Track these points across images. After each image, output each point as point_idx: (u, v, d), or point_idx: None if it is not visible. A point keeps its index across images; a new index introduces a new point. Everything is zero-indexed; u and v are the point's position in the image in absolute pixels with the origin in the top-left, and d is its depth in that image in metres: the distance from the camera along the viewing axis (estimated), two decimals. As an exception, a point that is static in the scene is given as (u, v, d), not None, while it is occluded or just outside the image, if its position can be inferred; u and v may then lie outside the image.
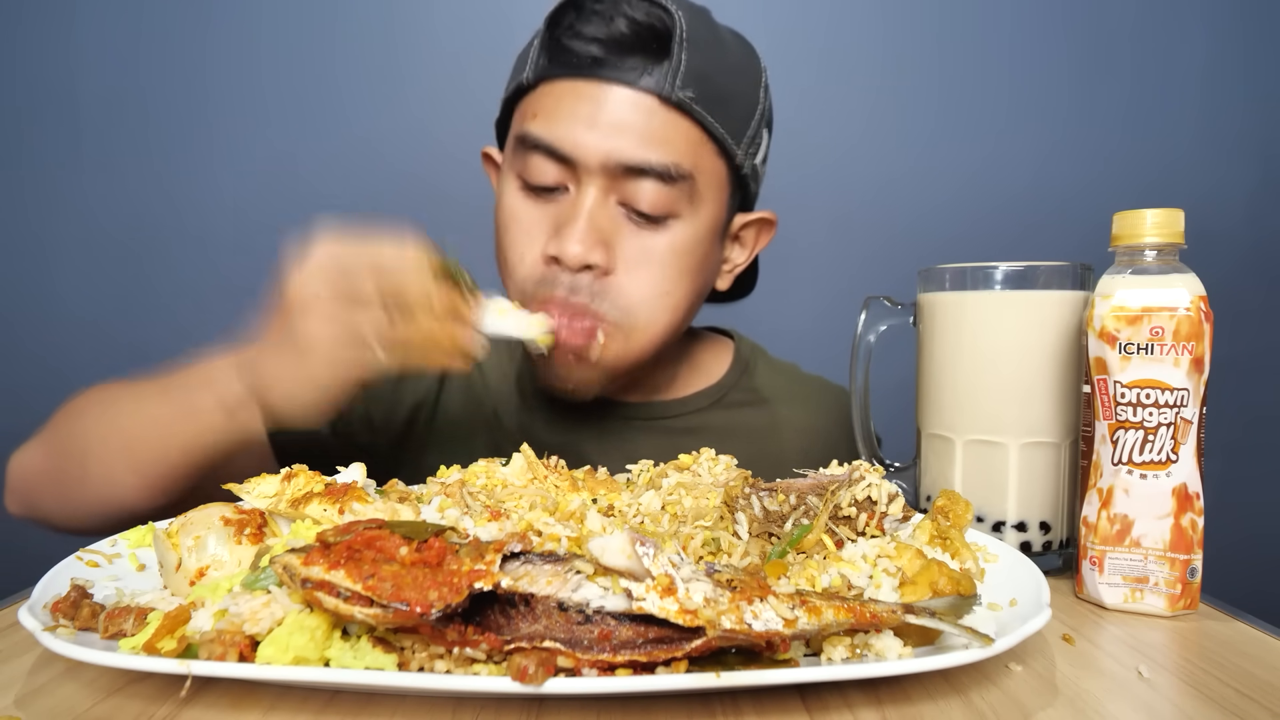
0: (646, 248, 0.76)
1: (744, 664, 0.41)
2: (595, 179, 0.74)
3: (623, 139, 0.73)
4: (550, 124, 0.74)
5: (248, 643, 0.40)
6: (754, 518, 0.57)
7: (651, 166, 0.73)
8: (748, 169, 0.81)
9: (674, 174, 0.74)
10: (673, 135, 0.74)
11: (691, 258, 0.79)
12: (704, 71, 0.74)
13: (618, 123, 0.73)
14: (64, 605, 0.47)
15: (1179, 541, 0.56)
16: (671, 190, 0.75)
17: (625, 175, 0.74)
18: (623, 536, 0.41)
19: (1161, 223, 0.57)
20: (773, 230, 0.90)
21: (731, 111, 0.78)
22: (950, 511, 0.58)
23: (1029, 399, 0.67)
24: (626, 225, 0.76)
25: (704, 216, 0.78)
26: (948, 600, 0.46)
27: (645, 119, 0.73)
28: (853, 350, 0.78)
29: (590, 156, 0.73)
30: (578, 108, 0.73)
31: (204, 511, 0.52)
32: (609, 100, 0.73)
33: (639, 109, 0.73)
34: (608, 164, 0.73)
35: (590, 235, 0.74)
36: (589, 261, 0.74)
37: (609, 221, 0.75)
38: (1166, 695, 0.44)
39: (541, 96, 0.76)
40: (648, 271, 0.77)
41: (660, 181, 0.74)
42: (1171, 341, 0.55)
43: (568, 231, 0.74)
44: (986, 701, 0.42)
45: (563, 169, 0.75)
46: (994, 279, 0.68)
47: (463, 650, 0.40)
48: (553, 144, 0.74)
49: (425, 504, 0.56)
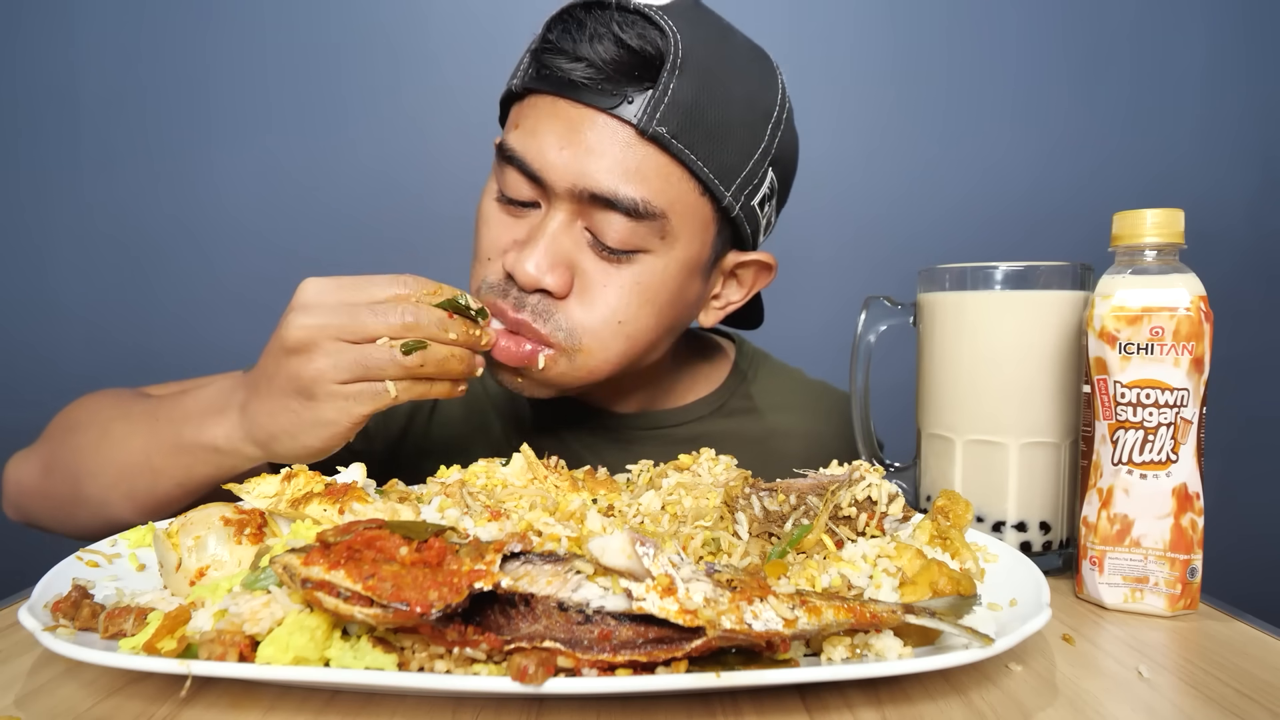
0: (607, 274, 0.73)
1: (744, 664, 0.41)
2: (563, 202, 0.71)
3: (593, 165, 0.69)
4: (527, 139, 0.72)
5: (248, 643, 0.40)
6: (754, 518, 0.57)
7: (619, 200, 0.69)
8: (738, 211, 0.76)
9: (642, 211, 0.70)
10: (647, 170, 0.69)
11: (658, 292, 0.74)
12: (693, 104, 0.69)
13: (591, 147, 0.69)
14: (65, 605, 0.47)
15: (1179, 541, 0.56)
16: (640, 226, 0.70)
17: (592, 203, 0.70)
18: (623, 536, 0.41)
19: (1161, 223, 0.57)
20: (771, 274, 0.85)
21: (723, 149, 0.72)
22: (950, 511, 0.58)
23: (1029, 399, 0.67)
24: (589, 252, 0.73)
25: (678, 254, 0.74)
26: (948, 600, 0.46)
27: (620, 149, 0.69)
28: (853, 350, 0.78)
29: (559, 179, 0.70)
30: (555, 125, 0.70)
31: (204, 511, 0.52)
32: (585, 124, 0.69)
33: (614, 138, 0.69)
34: (574, 190, 0.70)
35: (547, 259, 0.71)
36: (542, 285, 0.71)
37: (572, 245, 0.72)
38: (1166, 695, 0.44)
39: (526, 108, 0.74)
40: (604, 300, 0.73)
41: (628, 217, 0.70)
42: (1171, 341, 0.55)
43: (528, 251, 0.71)
44: (986, 701, 0.42)
45: (534, 187, 0.72)
46: (994, 279, 0.68)
47: (463, 650, 0.40)
48: (525, 161, 0.71)
49: (425, 504, 0.56)
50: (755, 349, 1.01)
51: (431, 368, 0.61)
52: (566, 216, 0.72)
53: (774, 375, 0.99)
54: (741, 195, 0.75)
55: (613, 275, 0.73)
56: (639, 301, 0.74)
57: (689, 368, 0.95)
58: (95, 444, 0.73)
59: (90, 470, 0.72)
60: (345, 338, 0.59)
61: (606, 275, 0.73)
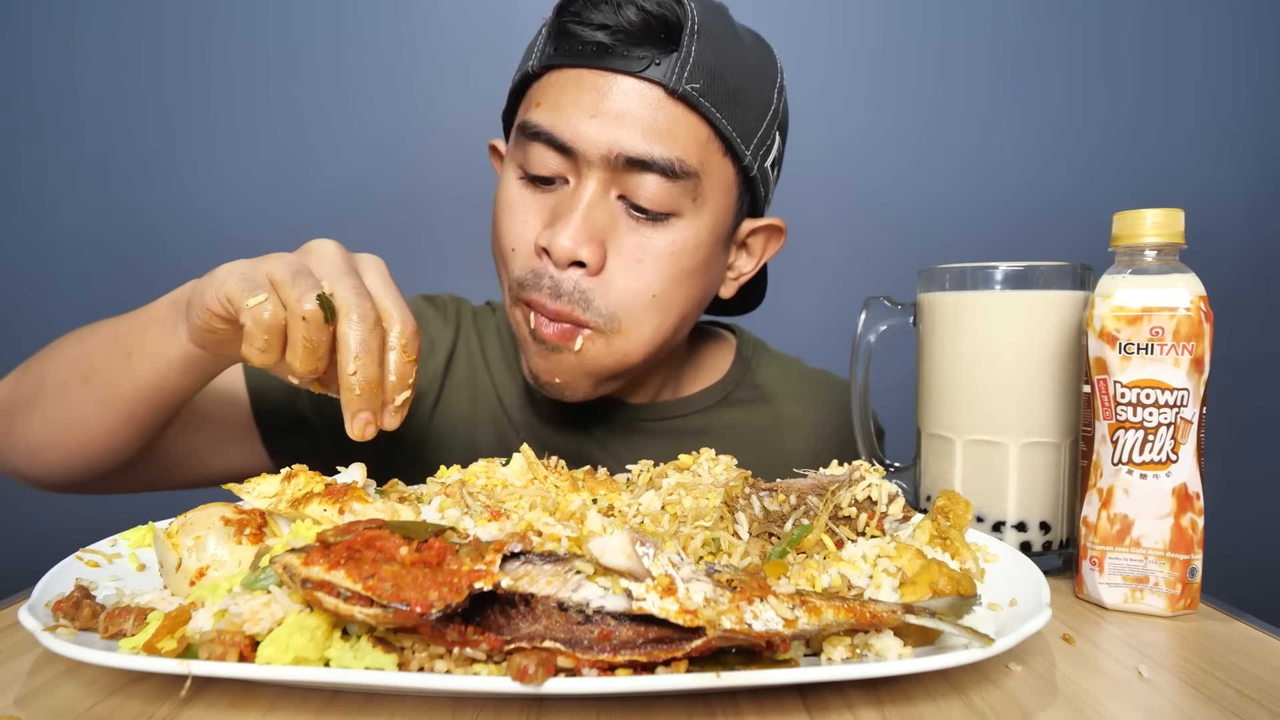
0: (644, 245, 0.73)
1: (744, 664, 0.41)
2: (596, 171, 0.71)
3: (625, 130, 0.70)
4: (552, 113, 0.72)
5: (248, 643, 0.40)
6: (754, 518, 0.57)
7: (655, 160, 0.70)
8: (757, 171, 0.78)
9: (678, 170, 0.71)
10: (678, 130, 0.71)
11: (691, 260, 0.75)
12: (714, 66, 0.71)
13: (621, 113, 0.70)
14: (66, 605, 0.47)
15: (1179, 541, 0.56)
16: (674, 187, 0.72)
17: (627, 168, 0.71)
18: (623, 536, 0.41)
19: (1161, 223, 0.57)
20: (782, 238, 0.86)
21: (743, 110, 0.74)
22: (950, 511, 0.58)
23: (1029, 399, 0.67)
24: (625, 220, 0.73)
25: (707, 218, 0.75)
26: (948, 600, 0.46)
27: (650, 111, 0.70)
28: (853, 350, 0.78)
29: (591, 147, 0.70)
30: (581, 97, 0.71)
31: (204, 511, 0.52)
32: (613, 90, 0.70)
33: (644, 100, 0.70)
34: (609, 156, 0.70)
35: (583, 230, 0.71)
36: (578, 257, 0.71)
37: (607, 216, 0.73)
38: (1166, 695, 0.44)
39: (546, 85, 0.74)
40: (640, 270, 0.74)
41: (663, 177, 0.71)
42: (1171, 341, 0.55)
43: (561, 225, 0.71)
44: (986, 701, 0.42)
45: (563, 160, 0.72)
46: (994, 279, 0.68)
47: (463, 650, 0.40)
48: (553, 133, 0.71)
49: (425, 504, 0.56)
50: (755, 338, 1.02)
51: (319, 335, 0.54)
52: (599, 186, 0.72)
53: (775, 364, 1.00)
54: (758, 156, 0.78)
55: (647, 245, 0.74)
56: (672, 272, 0.75)
57: (694, 356, 0.96)
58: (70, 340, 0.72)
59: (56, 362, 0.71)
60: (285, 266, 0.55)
61: (641, 247, 0.73)
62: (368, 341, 0.54)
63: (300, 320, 0.53)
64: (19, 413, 0.72)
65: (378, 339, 0.55)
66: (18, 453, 0.74)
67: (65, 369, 0.70)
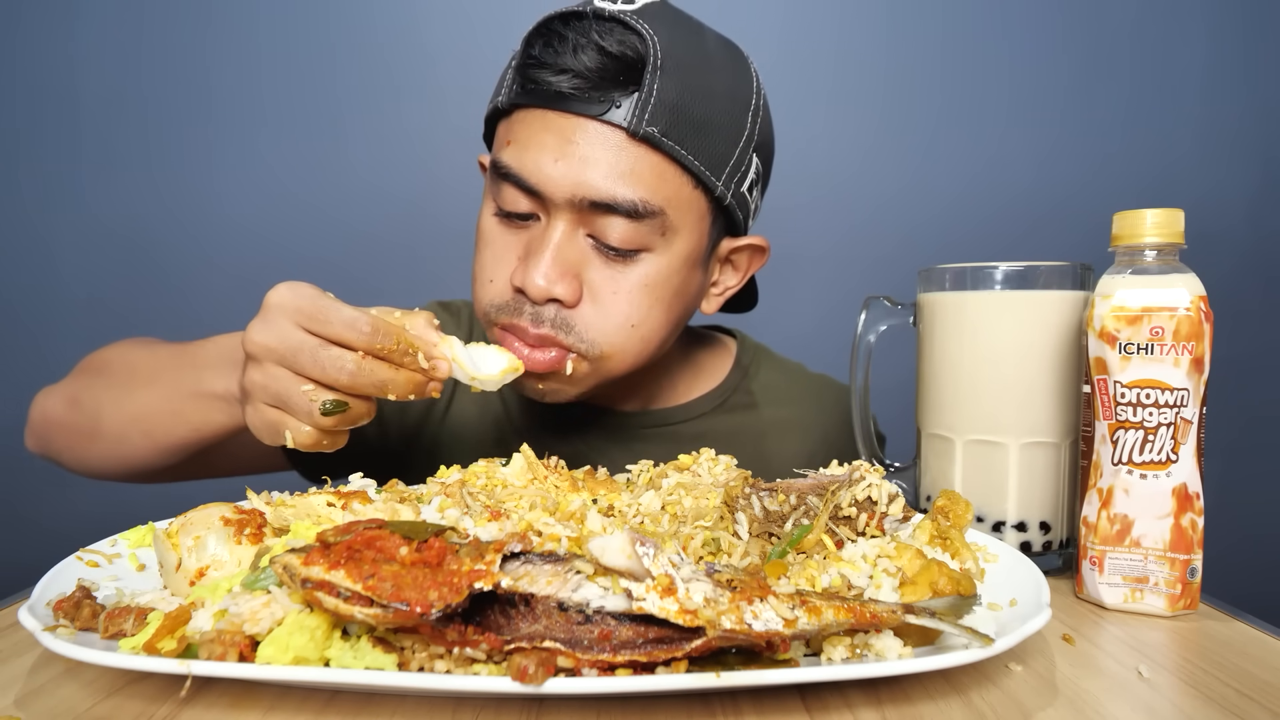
0: (616, 279, 0.74)
1: (744, 664, 0.41)
2: (563, 212, 0.72)
3: (589, 174, 0.70)
4: (520, 154, 0.73)
5: (248, 643, 0.40)
6: (754, 518, 0.57)
7: (618, 203, 0.71)
8: (731, 199, 0.78)
9: (642, 210, 0.71)
10: (642, 170, 0.71)
11: (664, 289, 0.76)
12: (678, 102, 0.71)
13: (584, 157, 0.70)
14: (67, 605, 0.47)
15: (1179, 541, 0.56)
16: (641, 226, 0.72)
17: (592, 210, 0.72)
18: (623, 536, 0.41)
19: (1161, 223, 0.57)
20: (765, 256, 0.87)
21: (710, 140, 0.74)
22: (950, 511, 0.58)
23: (1029, 399, 0.67)
24: (596, 257, 0.74)
25: (679, 248, 0.76)
26: (948, 600, 0.46)
27: (613, 154, 0.71)
28: (853, 350, 0.78)
29: (557, 191, 0.71)
30: (545, 139, 0.71)
31: (204, 511, 0.52)
32: (576, 133, 0.71)
33: (606, 144, 0.70)
34: (574, 199, 0.71)
35: (555, 268, 0.72)
36: (553, 295, 0.72)
37: (577, 254, 0.74)
38: (1166, 695, 0.44)
39: (515, 124, 0.75)
40: (616, 302, 0.74)
41: (628, 219, 0.71)
42: (1171, 341, 0.55)
43: (533, 264, 0.72)
44: (986, 701, 0.42)
45: (532, 200, 0.73)
46: (994, 279, 0.68)
47: (463, 650, 0.40)
48: (521, 176, 0.72)
49: (425, 504, 0.56)
50: (756, 344, 1.02)
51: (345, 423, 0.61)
52: (568, 226, 0.73)
53: (776, 370, 1.00)
54: (731, 183, 0.77)
55: (620, 280, 0.74)
56: (648, 302, 0.76)
57: (690, 364, 0.96)
58: (121, 383, 0.79)
59: (113, 407, 0.77)
60: (284, 365, 0.59)
61: (614, 281, 0.74)
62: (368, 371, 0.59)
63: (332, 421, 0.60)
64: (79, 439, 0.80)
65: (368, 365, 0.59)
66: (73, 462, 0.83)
67: (122, 420, 0.77)
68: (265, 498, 0.57)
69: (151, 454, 0.76)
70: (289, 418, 0.60)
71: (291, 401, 0.59)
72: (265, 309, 0.60)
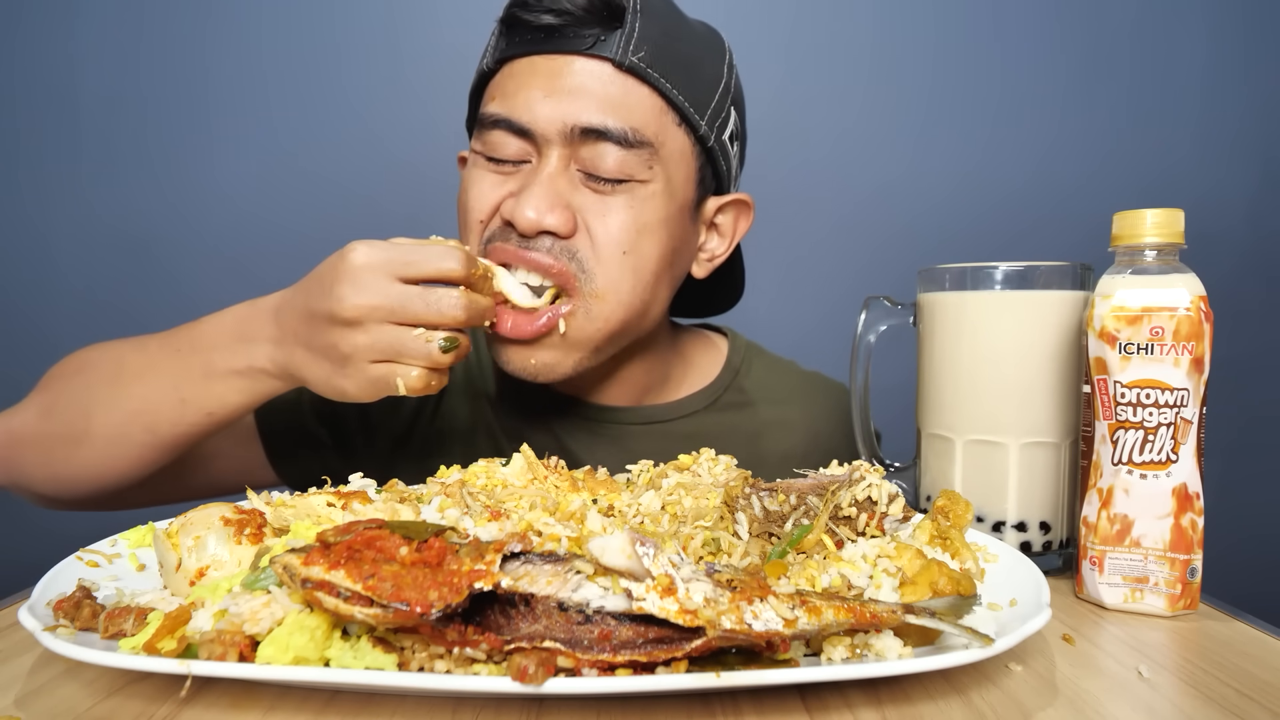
0: (605, 205, 0.75)
1: (744, 664, 0.41)
2: (554, 147, 0.74)
3: (579, 104, 0.73)
4: (508, 100, 0.75)
5: (248, 643, 0.40)
6: (754, 518, 0.57)
7: (609, 129, 0.73)
8: (714, 143, 0.80)
9: (632, 139, 0.74)
10: (630, 100, 0.74)
11: (653, 215, 0.77)
12: (660, 40, 0.75)
13: (574, 89, 0.73)
14: (67, 605, 0.47)
15: (1179, 541, 0.56)
16: (630, 155, 0.74)
17: (583, 140, 0.73)
18: (623, 536, 0.41)
19: (1161, 223, 0.57)
20: (750, 214, 0.88)
21: (693, 81, 0.77)
22: (950, 511, 0.58)
23: (1029, 399, 0.67)
24: (585, 190, 0.75)
25: (664, 183, 0.77)
26: (948, 600, 0.46)
27: (602, 86, 0.73)
28: (853, 350, 0.78)
29: (548, 125, 0.73)
30: (534, 80, 0.74)
31: (204, 511, 0.52)
32: (564, 70, 0.73)
33: (595, 76, 0.73)
34: (565, 130, 0.73)
35: (545, 199, 0.73)
36: (545, 226, 0.73)
37: (568, 185, 0.75)
38: (1166, 695, 0.44)
39: (502, 79, 0.77)
40: (606, 230, 0.75)
41: (619, 146, 0.73)
42: (1171, 341, 0.55)
43: (524, 197, 0.73)
44: (986, 701, 0.42)
45: (523, 142, 0.75)
46: (994, 279, 0.68)
47: (463, 650, 0.40)
48: (510, 117, 0.74)
49: (425, 504, 0.56)
50: (747, 342, 1.02)
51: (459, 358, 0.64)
52: (560, 161, 0.75)
53: (768, 368, 0.99)
54: (714, 127, 0.80)
55: (610, 206, 0.75)
56: (637, 229, 0.76)
57: (682, 359, 0.96)
58: (110, 379, 0.74)
59: (106, 404, 0.72)
60: (392, 320, 0.61)
61: (604, 206, 0.75)
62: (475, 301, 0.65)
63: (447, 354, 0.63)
64: (61, 448, 0.74)
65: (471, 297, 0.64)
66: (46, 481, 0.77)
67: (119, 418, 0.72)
68: (265, 498, 0.57)
69: (149, 452, 0.72)
70: (397, 367, 0.62)
71: (406, 350, 0.62)
72: (352, 271, 0.61)
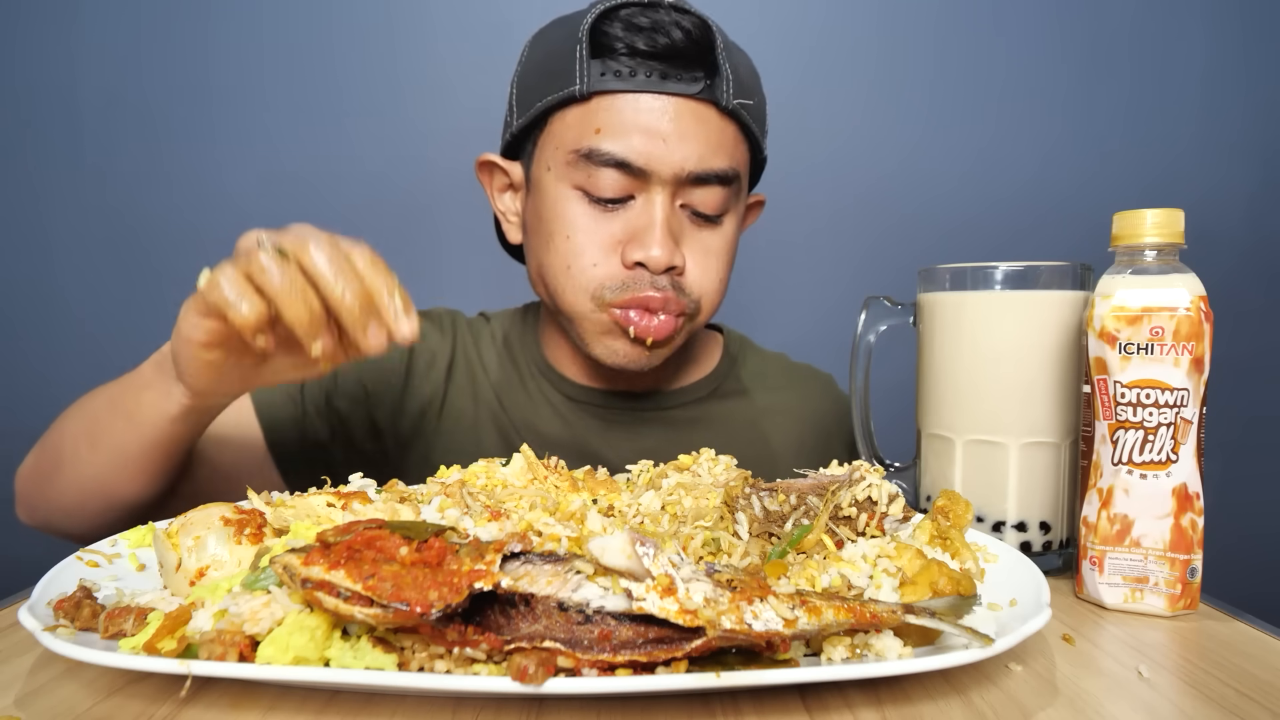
0: (706, 243, 0.82)
1: (744, 664, 0.41)
2: (665, 187, 0.78)
3: (690, 149, 0.77)
4: (621, 139, 0.77)
5: (248, 643, 0.40)
6: (754, 518, 0.57)
7: (716, 174, 0.79)
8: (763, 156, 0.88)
9: (731, 177, 0.80)
10: (728, 142, 0.80)
11: (734, 246, 0.86)
12: (743, 77, 0.80)
13: (684, 133, 0.77)
14: (67, 605, 0.47)
15: (1179, 541, 0.56)
16: (727, 191, 0.81)
17: (691, 182, 0.79)
18: (623, 536, 0.41)
19: (1161, 223, 0.57)
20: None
21: (758, 111, 0.84)
22: (950, 511, 0.58)
23: (1029, 399, 0.67)
24: (689, 226, 0.82)
25: (741, 208, 0.86)
26: (948, 600, 0.46)
27: (708, 130, 0.78)
28: (853, 350, 0.78)
29: (663, 168, 0.77)
30: (645, 120, 0.77)
31: (204, 511, 0.52)
32: (675, 112, 0.77)
33: (702, 120, 0.77)
34: (679, 174, 0.77)
35: (667, 242, 0.78)
36: (672, 264, 0.78)
37: (677, 224, 0.81)
38: (1166, 695, 0.44)
39: (602, 111, 0.77)
40: (709, 263, 0.83)
41: (723, 186, 0.80)
42: (1171, 341, 0.55)
43: (649, 239, 0.78)
44: (986, 701, 0.42)
45: (631, 180, 0.78)
46: (994, 279, 0.68)
47: (463, 650, 0.40)
48: (628, 159, 0.77)
49: (425, 504, 0.56)
50: (740, 335, 1.05)
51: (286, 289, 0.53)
52: (668, 199, 0.79)
53: (761, 359, 1.03)
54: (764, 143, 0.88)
55: (710, 243, 0.83)
56: (727, 260, 0.85)
57: (689, 349, 0.98)
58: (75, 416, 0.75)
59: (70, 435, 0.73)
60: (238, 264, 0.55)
61: (705, 244, 0.83)
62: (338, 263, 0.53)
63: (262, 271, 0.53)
64: (46, 481, 0.76)
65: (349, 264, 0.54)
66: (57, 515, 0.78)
67: (73, 437, 0.74)
68: (265, 498, 0.57)
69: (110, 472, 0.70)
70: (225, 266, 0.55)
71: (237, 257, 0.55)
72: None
